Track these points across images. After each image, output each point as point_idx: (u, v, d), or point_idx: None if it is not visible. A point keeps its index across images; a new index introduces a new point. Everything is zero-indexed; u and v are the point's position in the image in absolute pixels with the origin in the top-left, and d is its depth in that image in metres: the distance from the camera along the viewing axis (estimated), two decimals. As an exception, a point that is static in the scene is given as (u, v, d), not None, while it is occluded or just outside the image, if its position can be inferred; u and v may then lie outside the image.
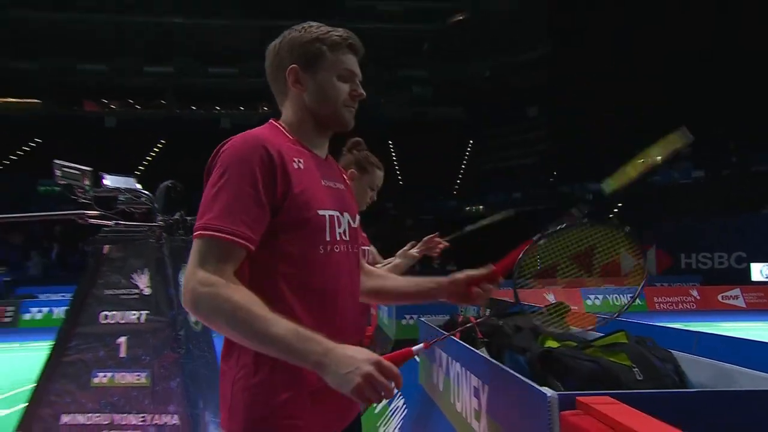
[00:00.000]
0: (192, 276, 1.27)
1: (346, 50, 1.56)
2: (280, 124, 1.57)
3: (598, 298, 15.93)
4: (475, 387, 2.13)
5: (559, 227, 1.77)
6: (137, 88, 35.44)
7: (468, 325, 2.45)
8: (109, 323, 3.86)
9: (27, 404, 3.93)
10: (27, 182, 28.32)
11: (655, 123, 26.54)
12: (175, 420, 3.72)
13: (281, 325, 1.22)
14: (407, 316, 5.29)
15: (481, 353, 2.17)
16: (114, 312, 3.87)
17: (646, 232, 22.67)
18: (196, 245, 1.31)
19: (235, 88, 35.64)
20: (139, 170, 29.16)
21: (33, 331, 14.73)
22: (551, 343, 1.90)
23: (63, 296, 16.71)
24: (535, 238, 1.74)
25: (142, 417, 3.75)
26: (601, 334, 2.02)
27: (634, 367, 1.56)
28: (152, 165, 31.57)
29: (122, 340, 3.83)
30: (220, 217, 1.29)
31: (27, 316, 15.86)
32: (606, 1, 28.90)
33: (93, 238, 4.09)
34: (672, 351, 1.89)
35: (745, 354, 3.01)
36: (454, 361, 2.57)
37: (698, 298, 17.22)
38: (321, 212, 1.47)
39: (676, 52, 26.60)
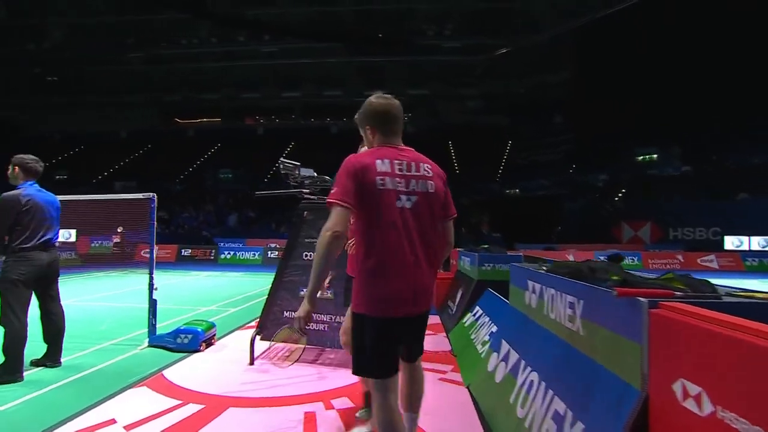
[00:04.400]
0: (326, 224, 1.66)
1: None
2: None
3: (605, 256, 15.90)
4: (570, 302, 2.16)
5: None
6: (277, 107, 36.55)
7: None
8: (308, 259, 4.09)
9: (264, 305, 4.21)
10: (212, 173, 30.65)
11: (645, 129, 25.00)
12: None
13: (321, 274, 1.69)
14: (486, 264, 5.11)
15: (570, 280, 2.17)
16: (311, 252, 4.03)
17: (644, 212, 21.43)
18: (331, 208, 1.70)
19: (340, 105, 36.27)
20: (277, 164, 30.25)
21: (226, 265, 16.18)
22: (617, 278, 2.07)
23: (239, 245, 18.18)
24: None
25: (330, 316, 4.04)
26: (656, 276, 1.96)
27: (687, 289, 1.77)
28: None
29: (316, 269, 4.23)
30: (337, 194, 1.68)
31: (222, 256, 17.30)
32: (616, 39, 26.88)
33: (300, 205, 4.25)
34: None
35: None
36: (548, 288, 2.50)
37: (682, 260, 16.16)
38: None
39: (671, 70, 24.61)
